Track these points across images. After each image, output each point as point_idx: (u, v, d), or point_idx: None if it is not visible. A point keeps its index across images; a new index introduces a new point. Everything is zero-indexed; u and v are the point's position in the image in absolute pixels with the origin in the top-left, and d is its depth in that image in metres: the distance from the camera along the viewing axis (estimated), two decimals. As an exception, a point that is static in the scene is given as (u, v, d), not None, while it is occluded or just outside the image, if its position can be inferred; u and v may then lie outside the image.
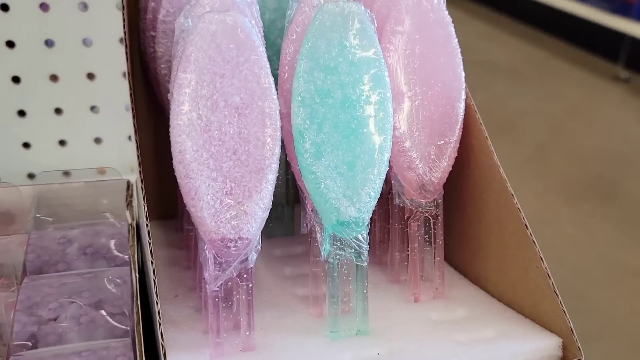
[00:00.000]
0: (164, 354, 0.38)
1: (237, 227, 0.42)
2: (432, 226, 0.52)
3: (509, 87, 2.72)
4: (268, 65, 0.44)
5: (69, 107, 0.79)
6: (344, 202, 0.44)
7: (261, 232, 0.44)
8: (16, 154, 0.79)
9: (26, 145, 0.79)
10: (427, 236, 0.52)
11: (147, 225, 0.43)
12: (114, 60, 0.78)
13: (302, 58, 0.45)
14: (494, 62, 2.92)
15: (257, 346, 0.44)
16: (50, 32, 0.75)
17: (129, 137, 0.82)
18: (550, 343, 0.45)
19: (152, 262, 0.41)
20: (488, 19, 3.51)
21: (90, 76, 0.78)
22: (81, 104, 0.79)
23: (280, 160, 0.45)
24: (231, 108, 0.43)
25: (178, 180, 0.43)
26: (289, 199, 0.62)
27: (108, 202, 0.54)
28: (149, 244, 0.42)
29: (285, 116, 0.46)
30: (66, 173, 0.74)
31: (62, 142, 0.80)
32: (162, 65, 0.52)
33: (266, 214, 0.44)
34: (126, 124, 0.81)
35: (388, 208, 0.54)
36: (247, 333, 0.44)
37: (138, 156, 0.45)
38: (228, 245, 0.42)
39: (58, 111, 0.79)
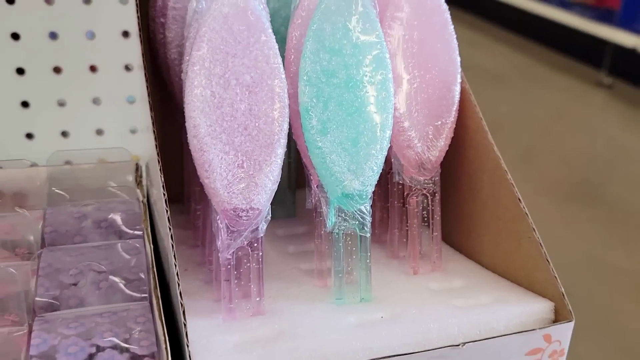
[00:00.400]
0: (183, 312, 0.40)
1: (248, 197, 0.45)
2: (429, 203, 0.54)
3: (495, 93, 2.76)
4: (277, 47, 0.47)
5: (72, 98, 0.81)
6: (349, 175, 0.47)
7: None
8: (19, 144, 0.81)
9: (29, 135, 0.81)
10: (425, 212, 0.55)
11: (164, 194, 0.45)
12: (116, 53, 0.80)
13: (309, 39, 0.47)
14: (480, 69, 2.97)
15: (266, 311, 0.47)
16: (54, 24, 0.77)
17: (130, 129, 0.84)
18: (543, 307, 0.47)
19: (169, 228, 0.43)
20: (474, 26, 3.56)
21: (93, 68, 0.80)
22: (84, 95, 0.81)
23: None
24: (242, 86, 0.46)
25: (192, 153, 0.45)
26: (291, 184, 0.64)
27: (118, 181, 0.56)
28: (167, 211, 0.44)
29: (292, 96, 0.48)
30: (68, 162, 0.76)
31: (64, 134, 0.82)
32: (173, 50, 0.55)
33: (275, 186, 0.46)
34: (128, 116, 0.84)
35: (387, 188, 0.57)
36: (257, 299, 0.46)
37: (154, 131, 0.48)
38: (240, 214, 0.45)
39: (61, 103, 0.81)
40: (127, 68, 0.81)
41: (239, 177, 0.45)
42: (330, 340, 0.43)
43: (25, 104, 0.79)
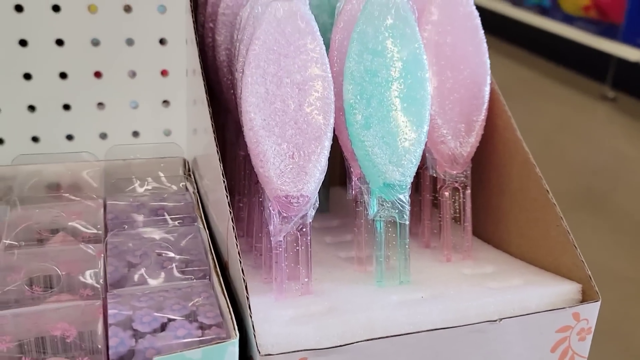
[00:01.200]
0: (246, 287, 0.44)
1: (298, 185, 0.49)
2: (461, 195, 0.58)
3: (500, 105, 2.80)
4: (324, 49, 0.51)
5: (111, 102, 0.85)
6: (390, 167, 0.51)
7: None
8: (60, 145, 0.85)
9: (69, 137, 0.85)
10: (456, 204, 0.58)
11: (224, 182, 0.49)
12: (153, 59, 0.84)
13: (353, 41, 0.51)
14: (486, 81, 3.00)
15: (313, 291, 0.50)
16: (96, 32, 0.82)
17: (164, 131, 0.88)
18: (571, 288, 0.51)
19: (230, 212, 0.47)
20: (479, 40, 3.61)
21: (132, 73, 0.85)
22: (122, 99, 0.86)
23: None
24: (293, 84, 0.50)
25: (248, 144, 0.49)
26: (325, 180, 0.68)
27: (170, 175, 0.60)
28: (227, 196, 0.48)
29: (334, 94, 0.52)
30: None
31: (103, 135, 0.86)
32: (222, 53, 0.59)
33: (322, 176, 0.50)
34: (162, 118, 0.88)
35: (418, 183, 0.61)
36: (306, 280, 0.50)
37: (212, 123, 0.51)
38: (291, 201, 0.49)
39: (100, 105, 0.85)
40: (163, 73, 0.86)
41: (290, 167, 0.49)
42: (377, 315, 0.47)
43: (66, 107, 0.83)
